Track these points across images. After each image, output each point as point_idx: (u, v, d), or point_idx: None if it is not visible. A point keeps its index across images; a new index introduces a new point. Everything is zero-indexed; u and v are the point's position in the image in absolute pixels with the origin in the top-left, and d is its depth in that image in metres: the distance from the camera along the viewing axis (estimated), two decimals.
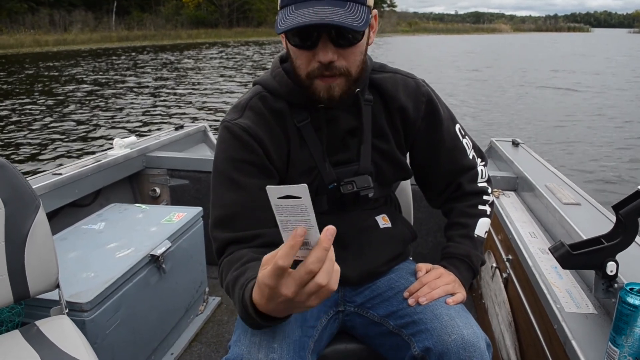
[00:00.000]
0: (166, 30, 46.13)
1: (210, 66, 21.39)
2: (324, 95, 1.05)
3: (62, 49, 31.27)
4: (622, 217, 1.11)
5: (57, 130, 8.98)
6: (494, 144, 2.85)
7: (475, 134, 8.18)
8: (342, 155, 1.19)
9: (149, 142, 2.85)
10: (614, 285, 1.16)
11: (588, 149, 7.99)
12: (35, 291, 1.39)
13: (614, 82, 17.25)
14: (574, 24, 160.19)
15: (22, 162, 6.99)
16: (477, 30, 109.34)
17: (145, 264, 1.80)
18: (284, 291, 0.74)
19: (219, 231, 1.10)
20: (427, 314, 1.11)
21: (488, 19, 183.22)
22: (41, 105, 11.37)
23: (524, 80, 17.45)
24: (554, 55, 34.75)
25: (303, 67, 1.04)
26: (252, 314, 0.87)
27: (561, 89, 15.33)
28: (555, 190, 1.95)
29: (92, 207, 2.44)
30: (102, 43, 36.01)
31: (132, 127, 9.30)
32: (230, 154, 1.12)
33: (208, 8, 54.57)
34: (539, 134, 8.99)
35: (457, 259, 1.23)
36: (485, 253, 2.19)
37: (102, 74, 18.03)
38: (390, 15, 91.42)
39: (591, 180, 6.36)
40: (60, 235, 1.95)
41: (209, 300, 2.44)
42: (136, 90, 13.96)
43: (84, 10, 42.74)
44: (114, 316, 1.62)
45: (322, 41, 0.99)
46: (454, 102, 12.06)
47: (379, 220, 1.27)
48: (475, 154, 1.32)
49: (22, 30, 35.64)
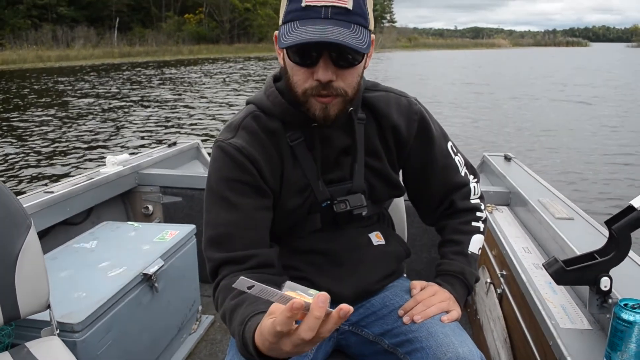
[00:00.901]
0: (168, 46, 46.47)
1: (211, 82, 21.43)
2: (319, 114, 1.05)
3: (65, 65, 31.40)
4: (614, 232, 1.11)
5: (50, 146, 8.95)
6: (487, 159, 2.86)
7: (468, 149, 8.24)
8: (335, 174, 1.19)
9: (142, 159, 2.84)
10: (608, 301, 1.16)
11: (581, 163, 8.04)
12: (26, 312, 1.37)
13: (608, 95, 17.42)
14: (572, 39, 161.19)
15: (12, 178, 6.96)
16: (476, 45, 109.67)
17: (137, 283, 1.79)
18: (284, 348, 0.76)
19: (213, 251, 1.10)
20: (422, 332, 1.10)
21: (487, 34, 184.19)
22: (33, 122, 11.33)
23: (515, 94, 17.59)
24: (548, 67, 35.09)
25: (300, 83, 1.04)
26: (252, 352, 0.87)
27: (555, 101, 15.48)
28: (548, 205, 1.96)
29: (84, 225, 2.42)
30: (104, 59, 36.19)
31: (125, 143, 9.28)
32: (224, 173, 1.11)
33: (209, 24, 55.02)
34: (532, 148, 9.04)
35: (451, 276, 1.23)
36: (480, 269, 2.18)
37: (99, 90, 18.02)
38: (390, 30, 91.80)
39: (584, 195, 6.39)
40: (52, 254, 1.93)
41: (202, 319, 2.41)
42: (133, 107, 13.96)
43: (86, 27, 43.11)
44: (106, 336, 1.60)
45: (322, 60, 0.99)
46: (448, 114, 12.14)
47: (373, 238, 1.26)
48: (468, 171, 1.33)
49: (25, 46, 35.94)
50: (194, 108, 13.85)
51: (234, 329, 0.95)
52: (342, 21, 0.97)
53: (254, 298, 0.94)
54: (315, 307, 0.69)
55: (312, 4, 0.96)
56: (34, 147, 8.88)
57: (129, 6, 50.05)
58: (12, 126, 10.77)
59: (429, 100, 14.13)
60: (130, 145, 9.11)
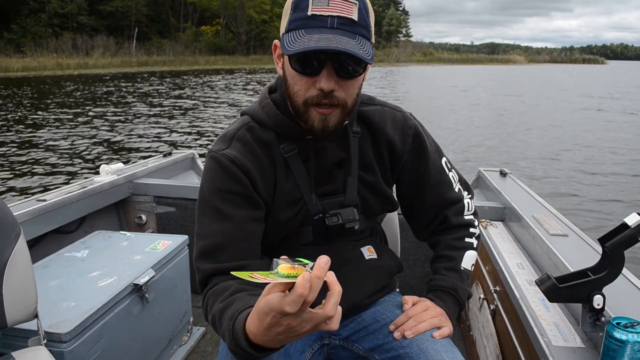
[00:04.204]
0: (184, 56, 47.15)
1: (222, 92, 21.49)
2: (318, 125, 1.04)
3: (83, 72, 31.87)
4: (608, 250, 1.11)
5: (44, 154, 8.92)
6: (482, 174, 2.86)
7: (463, 164, 8.26)
8: (328, 187, 1.18)
9: (136, 168, 2.84)
10: (601, 319, 1.15)
11: (576, 180, 8.07)
12: (13, 321, 1.35)
13: (605, 113, 17.51)
14: (589, 56, 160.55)
15: (4, 183, 6.93)
16: (491, 61, 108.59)
17: (127, 294, 1.77)
18: (283, 323, 0.75)
19: (203, 262, 1.09)
20: (413, 348, 1.09)
21: (503, 50, 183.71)
22: (29, 128, 11.32)
23: (515, 111, 17.69)
24: (553, 85, 35.30)
25: (301, 93, 1.03)
26: (243, 344, 0.85)
27: (552, 119, 15.56)
28: (542, 221, 1.96)
29: (77, 234, 2.41)
30: (122, 67, 36.84)
31: (122, 152, 9.27)
32: (217, 184, 1.10)
33: (226, 35, 55.81)
34: (528, 164, 9.07)
35: (444, 291, 1.22)
36: (473, 284, 2.17)
37: (110, 97, 18.14)
38: (405, 45, 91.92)
39: (578, 211, 6.40)
40: (42, 262, 1.91)
41: (193, 331, 2.39)
42: (138, 116, 13.98)
43: (105, 36, 44.18)
44: (94, 347, 1.58)
45: (326, 69, 0.99)
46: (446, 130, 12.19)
47: (364, 252, 1.26)
48: (462, 187, 1.32)
49: (45, 54, 36.68)
50: (201, 118, 13.85)
51: (223, 329, 0.93)
52: (348, 32, 0.97)
53: (243, 298, 0.94)
54: (317, 267, 0.71)
55: (319, 13, 0.96)
56: (29, 155, 8.85)
57: (148, 17, 51.21)
58: (7, 131, 10.77)
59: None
60: (127, 154, 9.10)
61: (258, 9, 55.82)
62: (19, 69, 30.64)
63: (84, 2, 44.77)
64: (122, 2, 47.17)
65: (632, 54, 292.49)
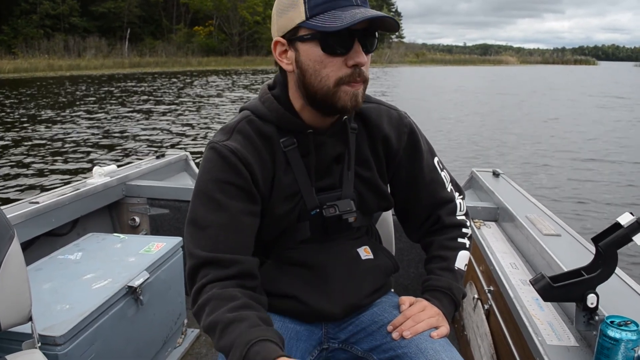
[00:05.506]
0: (177, 57, 46.96)
1: (214, 94, 21.44)
2: (351, 103, 1.05)
3: (75, 74, 31.60)
4: (601, 249, 1.12)
5: (35, 156, 8.87)
6: (475, 175, 2.87)
7: (454, 165, 8.28)
8: (325, 181, 1.19)
9: (129, 170, 2.82)
10: (595, 318, 1.16)
11: (569, 179, 8.11)
12: (7, 324, 1.34)
13: (596, 113, 17.63)
14: (580, 57, 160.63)
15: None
16: (483, 62, 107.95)
17: (122, 296, 1.76)
18: None
19: (196, 248, 1.08)
20: (411, 348, 1.10)
21: (496, 51, 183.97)
22: (21, 130, 11.24)
23: (506, 112, 17.76)
24: (544, 85, 35.48)
25: (332, 74, 1.03)
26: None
27: (546, 118, 15.64)
28: (535, 221, 1.97)
29: (70, 236, 2.39)
30: (114, 69, 36.53)
31: (114, 154, 9.23)
32: (216, 174, 1.10)
33: (219, 36, 55.53)
34: (521, 164, 9.11)
35: (439, 291, 1.22)
36: (467, 284, 2.18)
37: (100, 99, 18.03)
38: (398, 46, 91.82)
39: (571, 211, 6.43)
40: (36, 265, 1.90)
41: (188, 333, 2.39)
42: (131, 117, 13.90)
43: (98, 37, 43.92)
44: (89, 350, 1.57)
45: (356, 45, 1.02)
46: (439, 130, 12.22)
47: (361, 252, 1.26)
48: (453, 188, 1.33)
49: (37, 55, 36.37)
50: (193, 119, 13.82)
51: (230, 344, 0.94)
52: (369, 7, 1.03)
53: (251, 319, 0.95)
54: None
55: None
56: (20, 157, 8.80)
57: (140, 18, 50.90)
58: None
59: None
60: (120, 155, 9.06)
61: (251, 10, 55.73)
62: (10, 70, 30.38)
63: (76, 4, 44.48)
64: (114, 3, 46.90)
65: (623, 54, 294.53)
